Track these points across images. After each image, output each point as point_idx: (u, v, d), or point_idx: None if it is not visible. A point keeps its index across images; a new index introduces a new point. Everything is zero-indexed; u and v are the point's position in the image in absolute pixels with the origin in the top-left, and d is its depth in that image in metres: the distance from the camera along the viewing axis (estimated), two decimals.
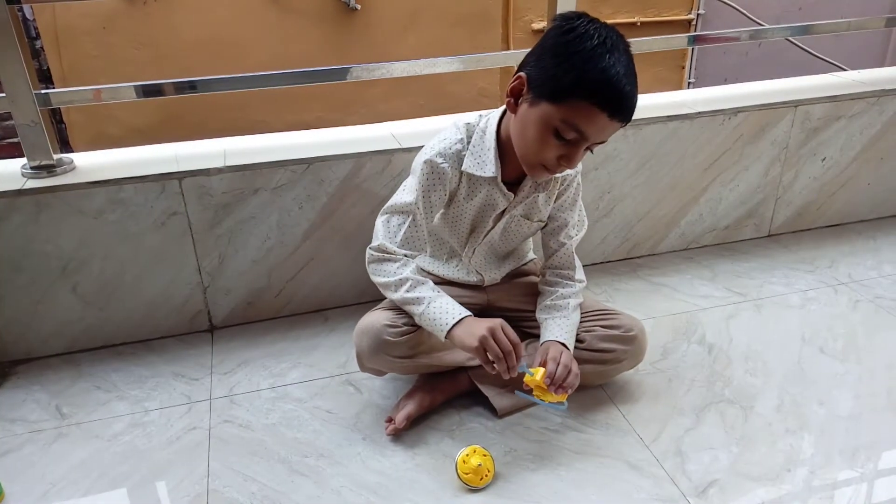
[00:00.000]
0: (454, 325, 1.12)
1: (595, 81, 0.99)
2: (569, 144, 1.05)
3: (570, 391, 1.13)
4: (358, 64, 1.57)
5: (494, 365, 1.09)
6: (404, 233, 1.19)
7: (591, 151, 1.09)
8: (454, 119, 1.22)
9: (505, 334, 1.09)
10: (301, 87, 1.61)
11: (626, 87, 1.00)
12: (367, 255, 1.22)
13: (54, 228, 1.39)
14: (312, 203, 1.52)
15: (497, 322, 1.10)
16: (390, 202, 1.23)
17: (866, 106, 1.84)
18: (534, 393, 1.13)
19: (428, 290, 1.16)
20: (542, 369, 1.13)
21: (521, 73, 1.07)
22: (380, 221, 1.23)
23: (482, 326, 1.09)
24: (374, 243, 1.21)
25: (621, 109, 1.02)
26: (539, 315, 1.28)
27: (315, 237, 1.55)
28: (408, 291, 1.16)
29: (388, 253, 1.19)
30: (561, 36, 1.02)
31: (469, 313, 1.14)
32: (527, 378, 1.12)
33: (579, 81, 0.99)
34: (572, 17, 1.03)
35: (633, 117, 1.06)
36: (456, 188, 1.21)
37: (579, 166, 1.28)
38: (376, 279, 1.21)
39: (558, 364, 1.13)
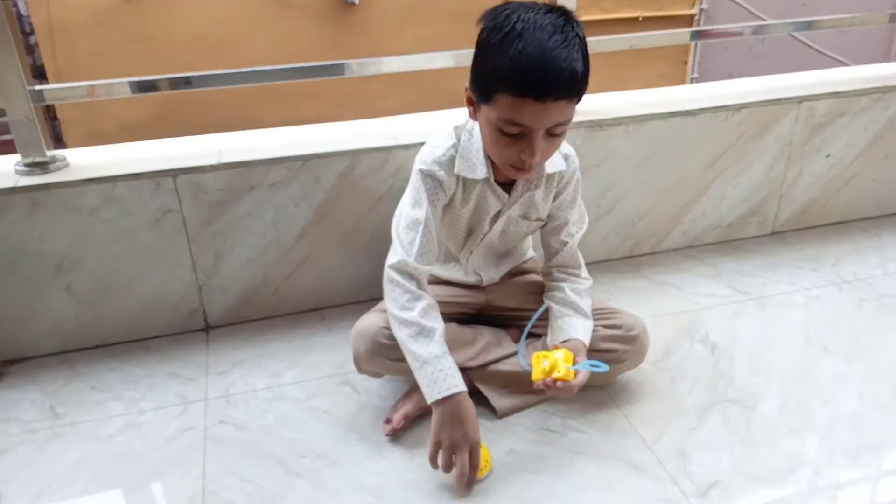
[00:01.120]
0: (439, 400, 1.09)
1: (505, 73, 0.96)
2: (520, 138, 1.02)
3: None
4: (355, 59, 1.56)
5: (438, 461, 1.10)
6: (418, 247, 1.14)
7: (556, 135, 1.04)
8: (444, 125, 1.21)
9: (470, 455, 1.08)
10: (298, 83, 1.60)
11: (543, 64, 0.95)
12: (385, 275, 1.16)
13: (48, 226, 1.38)
14: (309, 200, 1.50)
15: (472, 440, 1.08)
16: (397, 218, 1.19)
17: (871, 102, 1.82)
18: (547, 366, 1.10)
19: (432, 347, 1.11)
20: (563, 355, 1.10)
21: (466, 84, 1.07)
22: (397, 233, 1.18)
23: (461, 431, 1.08)
24: (394, 259, 1.15)
25: (546, 89, 0.96)
26: (555, 306, 1.25)
27: (311, 235, 1.54)
28: (411, 340, 1.11)
29: (405, 273, 1.14)
30: (479, 37, 1.02)
31: (459, 391, 1.10)
32: (557, 358, 1.09)
33: (493, 77, 0.98)
34: (489, 15, 1.01)
35: (634, 113, 1.04)
36: (455, 192, 1.19)
37: (576, 162, 1.26)
38: (389, 305, 1.15)
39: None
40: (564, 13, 1.00)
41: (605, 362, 1.24)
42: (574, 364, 1.11)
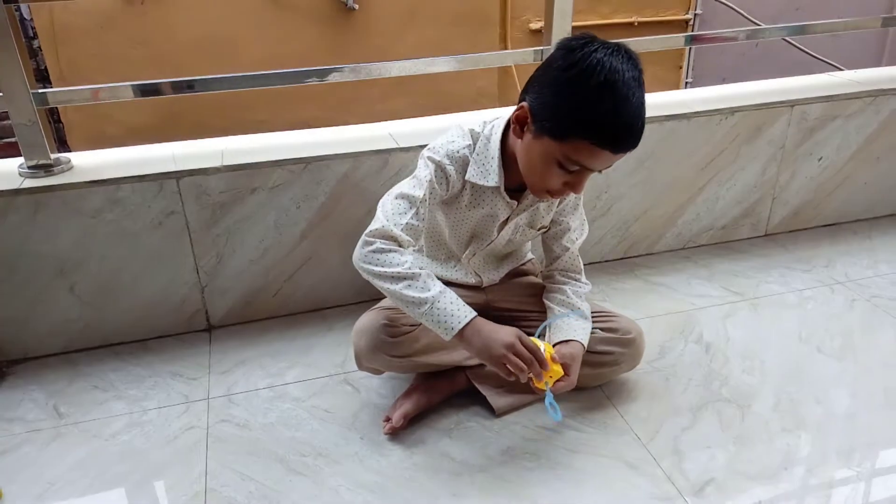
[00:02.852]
0: (464, 328, 1.07)
1: (596, 124, 0.98)
2: (573, 174, 1.06)
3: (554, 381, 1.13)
4: (355, 63, 1.57)
5: (513, 375, 1.08)
6: (408, 220, 1.11)
7: (601, 172, 1.09)
8: (458, 122, 1.21)
9: (524, 345, 1.08)
10: (299, 86, 1.61)
11: (630, 122, 0.99)
12: (362, 242, 1.09)
13: (52, 228, 1.39)
14: (310, 202, 1.52)
15: (512, 338, 1.08)
16: (395, 190, 1.15)
17: (863, 105, 1.85)
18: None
19: (431, 287, 1.08)
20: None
21: (524, 104, 1.06)
22: (382, 204, 1.14)
23: (499, 344, 1.07)
24: (375, 226, 1.09)
25: (626, 145, 1.02)
26: (556, 307, 1.27)
27: (313, 236, 1.55)
28: (409, 288, 1.06)
29: (390, 239, 1.09)
30: (562, 72, 1.00)
31: (475, 314, 1.10)
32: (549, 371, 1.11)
33: (579, 123, 0.99)
34: (575, 48, 0.99)
35: None
36: (458, 193, 1.20)
37: None
38: (372, 268, 1.07)
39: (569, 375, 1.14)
40: (636, 62, 1.01)
41: (602, 364, 1.27)
42: (558, 378, 1.13)
